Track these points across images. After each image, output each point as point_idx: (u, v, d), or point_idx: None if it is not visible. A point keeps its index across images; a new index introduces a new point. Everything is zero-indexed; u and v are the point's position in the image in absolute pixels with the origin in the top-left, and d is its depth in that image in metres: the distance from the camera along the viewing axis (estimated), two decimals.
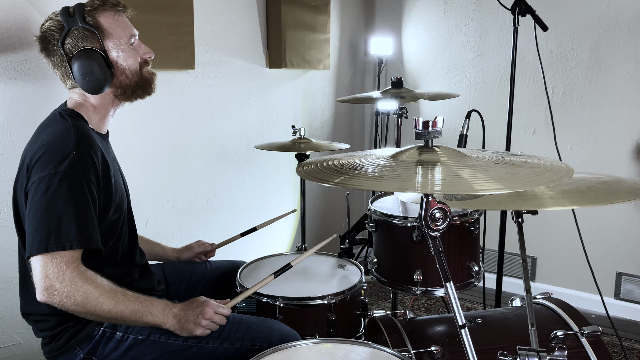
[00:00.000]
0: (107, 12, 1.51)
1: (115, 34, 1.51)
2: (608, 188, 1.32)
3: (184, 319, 1.44)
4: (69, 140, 1.40)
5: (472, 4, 3.26)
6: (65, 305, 1.32)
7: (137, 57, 1.56)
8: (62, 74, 1.52)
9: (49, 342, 1.48)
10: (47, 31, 1.49)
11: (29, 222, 1.34)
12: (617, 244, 2.93)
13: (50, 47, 1.49)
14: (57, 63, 1.51)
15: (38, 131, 1.50)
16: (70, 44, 1.47)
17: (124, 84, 1.54)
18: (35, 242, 1.31)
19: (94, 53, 1.47)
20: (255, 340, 1.50)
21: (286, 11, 2.90)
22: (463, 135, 2.02)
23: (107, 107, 1.57)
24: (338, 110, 3.55)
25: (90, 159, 1.40)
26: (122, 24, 1.53)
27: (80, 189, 1.36)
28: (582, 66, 2.94)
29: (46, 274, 1.30)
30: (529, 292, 1.34)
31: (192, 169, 2.66)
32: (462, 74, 3.35)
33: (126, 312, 1.37)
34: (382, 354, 1.32)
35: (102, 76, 1.47)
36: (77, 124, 1.46)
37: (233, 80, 2.79)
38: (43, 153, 1.37)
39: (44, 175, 1.34)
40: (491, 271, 2.80)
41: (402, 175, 1.10)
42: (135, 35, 1.56)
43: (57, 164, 1.35)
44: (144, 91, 1.59)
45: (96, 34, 1.47)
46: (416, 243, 1.76)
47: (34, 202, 1.34)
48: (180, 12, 2.37)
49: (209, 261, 1.97)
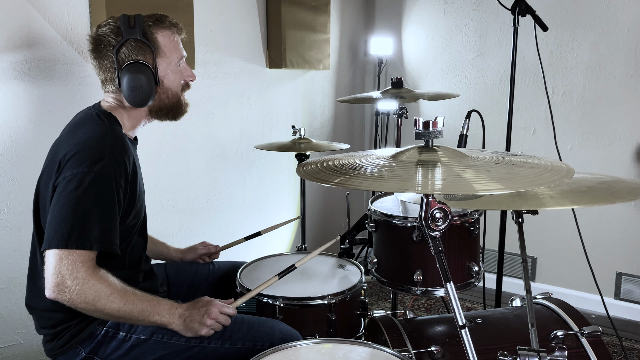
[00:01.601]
0: (166, 30, 1.54)
1: (169, 54, 1.54)
2: (608, 188, 1.32)
3: (189, 318, 1.44)
4: (106, 142, 1.41)
5: (472, 4, 3.26)
6: (75, 303, 1.32)
7: (181, 79, 1.59)
8: (105, 77, 1.53)
9: (50, 339, 1.48)
10: (103, 35, 1.50)
11: (52, 215, 1.34)
12: (617, 244, 2.93)
13: (103, 51, 1.50)
14: (104, 67, 1.52)
15: (73, 128, 1.50)
16: (124, 53, 1.49)
17: (163, 103, 1.57)
18: (55, 237, 1.31)
19: (146, 68, 1.49)
20: (257, 340, 1.50)
21: (286, 11, 2.90)
22: (463, 135, 2.02)
23: (139, 119, 1.59)
24: (338, 110, 3.55)
25: (123, 163, 1.42)
26: (176, 44, 1.57)
27: (109, 192, 1.37)
28: (582, 66, 2.94)
29: (59, 270, 1.30)
30: (529, 292, 1.34)
31: (192, 169, 2.66)
32: (462, 74, 3.35)
33: (134, 312, 1.38)
34: (382, 354, 1.32)
35: (149, 92, 1.50)
36: (114, 128, 1.48)
37: (233, 80, 2.79)
38: (79, 150, 1.38)
39: (77, 173, 1.34)
40: (491, 271, 2.80)
41: (402, 176, 1.10)
42: (184, 57, 1.59)
43: (92, 163, 1.36)
44: (175, 114, 1.62)
45: (151, 50, 1.50)
46: (416, 243, 1.76)
47: (61, 197, 1.34)
48: (180, 12, 2.37)
49: (213, 262, 1.97)
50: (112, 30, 1.49)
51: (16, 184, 2.01)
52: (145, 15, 1.53)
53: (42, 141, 2.06)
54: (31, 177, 2.04)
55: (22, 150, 2.02)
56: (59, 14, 2.06)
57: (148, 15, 1.53)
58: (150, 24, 1.51)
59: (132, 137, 1.59)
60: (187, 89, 1.63)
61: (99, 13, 2.11)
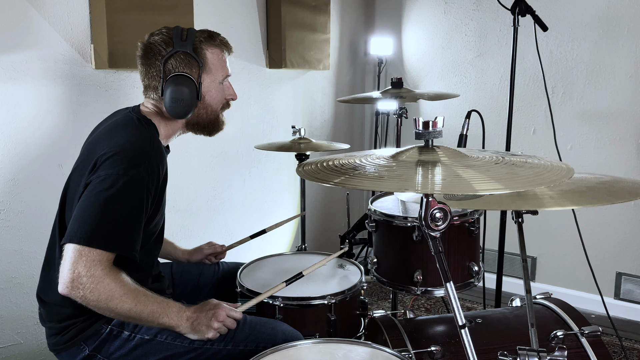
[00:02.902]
0: (216, 48, 1.57)
1: (215, 71, 1.57)
2: (608, 188, 1.32)
3: (197, 321, 1.45)
4: (145, 148, 1.43)
5: (472, 4, 3.26)
6: (87, 300, 1.32)
7: (223, 97, 1.62)
8: (149, 84, 1.55)
9: (55, 333, 1.48)
10: (154, 44, 1.52)
11: (79, 211, 1.35)
12: (617, 244, 2.93)
13: (152, 59, 1.52)
14: (150, 75, 1.53)
15: (113, 130, 1.50)
16: (172, 64, 1.51)
17: (201, 118, 1.59)
18: (78, 232, 1.31)
19: (191, 82, 1.51)
20: (260, 341, 1.50)
21: (286, 11, 2.90)
22: (463, 135, 2.02)
23: (175, 129, 1.61)
24: (338, 110, 3.55)
25: (157, 171, 1.43)
26: (223, 63, 1.59)
27: (139, 198, 1.38)
28: (582, 66, 2.94)
29: (76, 266, 1.30)
30: (529, 292, 1.34)
31: (192, 169, 2.66)
32: (462, 74, 3.35)
33: (144, 313, 1.38)
34: (382, 354, 1.32)
35: (190, 106, 1.51)
36: (154, 135, 1.50)
37: (233, 80, 2.79)
38: (117, 152, 1.38)
39: (111, 174, 1.35)
40: (491, 271, 2.80)
41: (402, 176, 1.10)
42: (229, 76, 1.62)
43: (128, 167, 1.36)
44: (210, 130, 1.64)
45: (199, 65, 1.52)
46: (416, 243, 1.76)
47: (92, 195, 1.35)
48: (180, 12, 2.37)
49: (219, 263, 1.98)
50: (164, 40, 1.51)
51: (16, 184, 2.01)
52: (198, 31, 1.56)
53: (42, 141, 2.07)
54: (31, 177, 2.05)
55: (22, 150, 2.02)
56: (59, 14, 2.06)
57: (201, 31, 1.56)
58: (202, 40, 1.54)
59: (165, 146, 1.60)
60: (227, 107, 1.66)
61: (99, 13, 2.11)
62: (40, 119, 2.05)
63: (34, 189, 2.06)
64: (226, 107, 1.65)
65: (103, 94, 2.23)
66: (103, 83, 2.23)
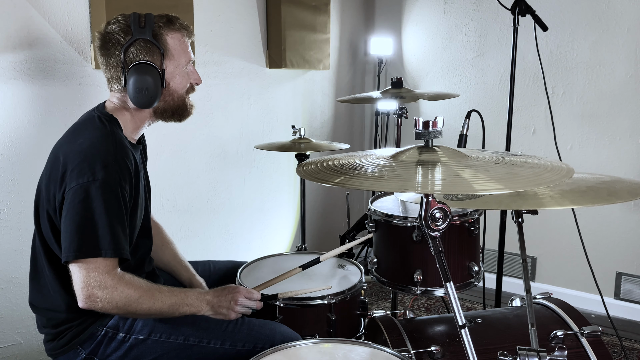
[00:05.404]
0: (176, 32, 1.52)
1: (177, 56, 1.52)
2: (608, 188, 1.32)
3: (217, 304, 1.50)
4: (109, 147, 1.40)
5: (472, 4, 3.26)
6: (107, 309, 1.36)
7: (187, 82, 1.58)
8: (112, 76, 1.51)
9: (51, 339, 1.49)
10: (112, 33, 1.47)
11: (65, 227, 1.36)
12: (617, 244, 2.93)
13: (111, 49, 1.48)
14: (111, 65, 1.50)
15: (75, 131, 1.49)
16: (132, 53, 1.46)
17: (168, 104, 1.56)
18: (72, 248, 1.33)
19: (154, 70, 1.47)
20: (257, 342, 1.50)
21: (286, 11, 2.90)
22: (463, 135, 2.02)
23: (143, 120, 1.58)
24: (338, 110, 3.55)
25: (126, 167, 1.42)
26: (185, 47, 1.55)
27: (116, 198, 1.38)
28: (582, 66, 2.94)
29: (87, 283, 1.33)
30: (529, 292, 1.34)
31: (192, 169, 2.66)
32: (462, 74, 3.35)
33: (164, 308, 1.42)
34: (382, 354, 1.32)
35: (154, 94, 1.48)
36: (115, 131, 1.46)
37: (233, 80, 2.79)
38: (82, 159, 1.37)
39: (82, 183, 1.34)
40: (491, 271, 2.80)
41: (402, 175, 1.10)
42: (192, 60, 1.58)
43: (96, 171, 1.35)
44: (180, 116, 1.61)
45: (160, 52, 1.48)
46: (416, 243, 1.76)
47: (71, 209, 1.35)
48: (180, 12, 2.37)
49: (212, 262, 1.97)
50: (121, 28, 1.46)
51: (16, 184, 2.01)
52: (156, 16, 1.50)
53: (42, 141, 2.06)
54: (31, 177, 2.04)
55: (22, 150, 2.02)
56: (59, 14, 2.06)
57: (159, 16, 1.51)
58: (161, 25, 1.49)
59: (135, 139, 1.58)
60: (192, 91, 1.62)
61: (99, 13, 2.11)
62: (40, 119, 2.05)
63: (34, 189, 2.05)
64: (191, 92, 1.61)
65: (103, 94, 2.22)
66: (103, 83, 2.21)
